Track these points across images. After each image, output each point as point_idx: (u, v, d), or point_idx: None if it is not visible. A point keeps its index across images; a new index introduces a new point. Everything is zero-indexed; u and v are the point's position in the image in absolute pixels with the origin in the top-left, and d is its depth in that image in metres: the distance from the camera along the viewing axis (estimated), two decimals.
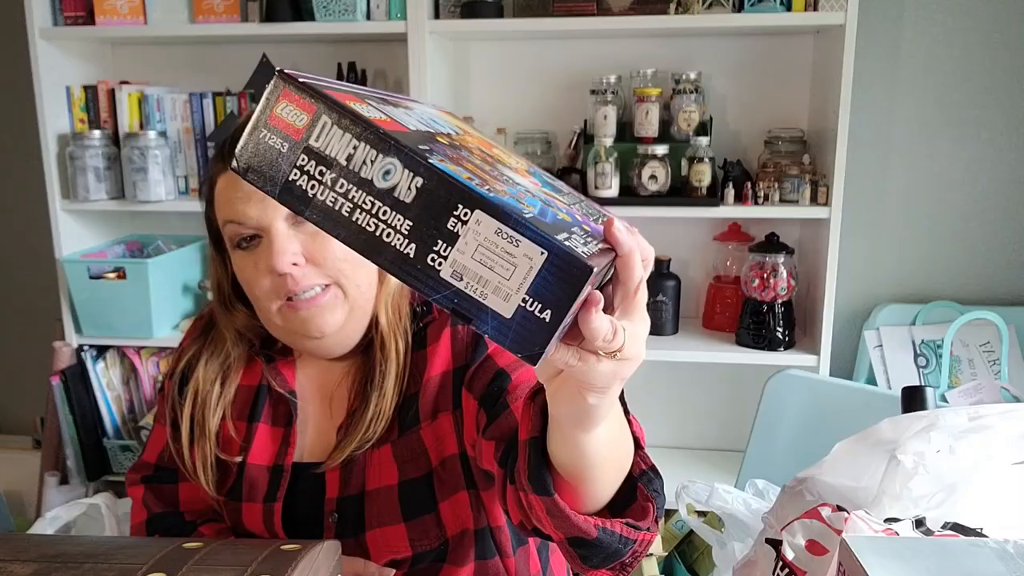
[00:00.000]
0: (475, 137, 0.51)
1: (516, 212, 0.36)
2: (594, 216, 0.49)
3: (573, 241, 0.37)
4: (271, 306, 0.76)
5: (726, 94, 1.82)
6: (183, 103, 1.86)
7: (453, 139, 0.45)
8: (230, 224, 0.76)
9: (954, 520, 0.66)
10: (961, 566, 0.54)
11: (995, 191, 1.82)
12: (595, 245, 0.40)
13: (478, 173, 0.39)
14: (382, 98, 0.46)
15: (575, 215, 0.45)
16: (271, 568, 0.60)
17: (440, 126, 0.47)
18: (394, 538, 0.78)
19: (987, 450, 0.68)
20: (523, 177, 0.47)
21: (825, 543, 0.66)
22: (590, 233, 0.42)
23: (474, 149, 0.46)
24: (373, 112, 0.40)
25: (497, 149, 0.52)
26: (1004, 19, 1.74)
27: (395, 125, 0.40)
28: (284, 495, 0.80)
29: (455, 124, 0.52)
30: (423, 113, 0.49)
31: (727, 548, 0.98)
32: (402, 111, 0.45)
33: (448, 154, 0.39)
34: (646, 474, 0.59)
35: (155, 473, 0.87)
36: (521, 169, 0.50)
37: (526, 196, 0.41)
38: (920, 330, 1.77)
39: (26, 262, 2.16)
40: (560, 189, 0.51)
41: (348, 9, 1.66)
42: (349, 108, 0.37)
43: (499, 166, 0.45)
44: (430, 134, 0.42)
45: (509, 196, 0.38)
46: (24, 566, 0.60)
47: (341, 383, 0.83)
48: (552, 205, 0.43)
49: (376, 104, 0.42)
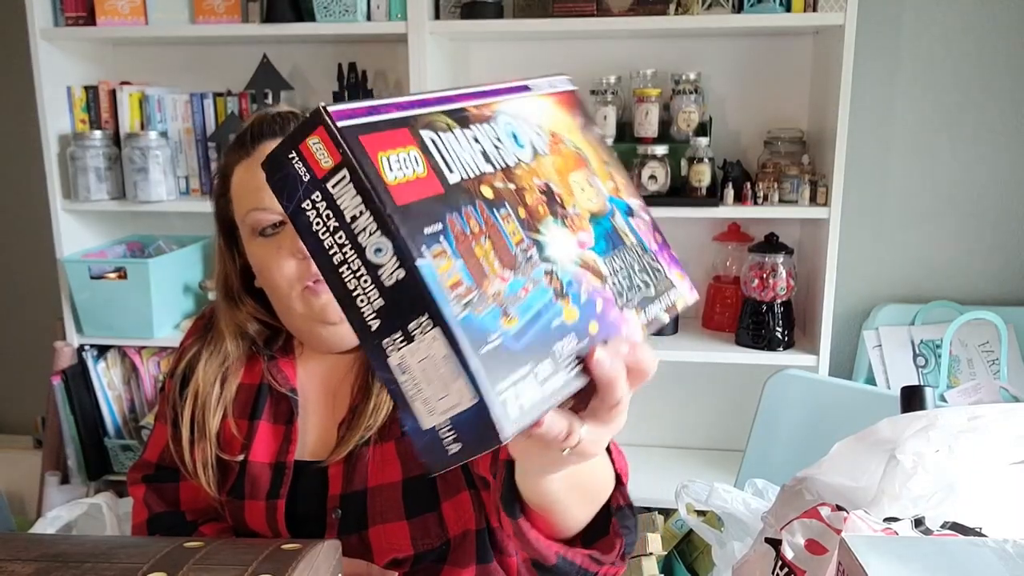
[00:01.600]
0: (564, 155, 0.47)
1: (475, 342, 0.36)
2: (640, 290, 0.46)
3: (523, 386, 0.37)
4: (292, 291, 0.76)
5: (726, 94, 1.82)
6: (184, 103, 1.87)
7: (509, 179, 0.43)
8: (255, 212, 0.76)
9: (953, 520, 0.66)
10: (960, 566, 0.55)
11: (994, 191, 1.82)
12: (567, 373, 0.40)
13: (479, 268, 0.39)
14: (460, 113, 0.43)
15: (594, 306, 0.43)
16: (272, 567, 0.60)
17: (505, 156, 0.44)
18: (396, 536, 0.78)
19: (986, 450, 0.68)
20: (571, 234, 0.44)
21: (824, 542, 0.66)
22: (576, 351, 0.41)
23: (530, 194, 0.44)
24: (426, 149, 0.40)
25: (581, 174, 0.48)
26: (1003, 19, 1.74)
27: (429, 183, 0.39)
28: (287, 492, 0.80)
29: (549, 133, 0.48)
30: (504, 129, 0.45)
31: (726, 547, 0.98)
32: (469, 135, 0.43)
33: (461, 233, 0.39)
34: (622, 510, 0.60)
35: (156, 472, 0.87)
36: (583, 216, 0.46)
37: (528, 296, 0.40)
38: (919, 330, 1.77)
39: (27, 262, 2.16)
40: (624, 239, 0.48)
41: (348, 10, 1.66)
42: (370, 168, 0.37)
43: (541, 230, 0.43)
44: (474, 184, 0.41)
45: (490, 309, 0.38)
46: (25, 566, 0.60)
47: (344, 379, 0.83)
48: (567, 293, 0.42)
49: (438, 131, 0.41)
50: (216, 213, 0.83)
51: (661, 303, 0.48)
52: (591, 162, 0.50)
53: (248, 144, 0.78)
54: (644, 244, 0.49)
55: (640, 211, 0.51)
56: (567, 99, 0.52)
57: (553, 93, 0.51)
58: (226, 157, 0.80)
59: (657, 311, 0.48)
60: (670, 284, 0.49)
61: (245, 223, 0.78)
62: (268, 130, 0.78)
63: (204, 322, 0.88)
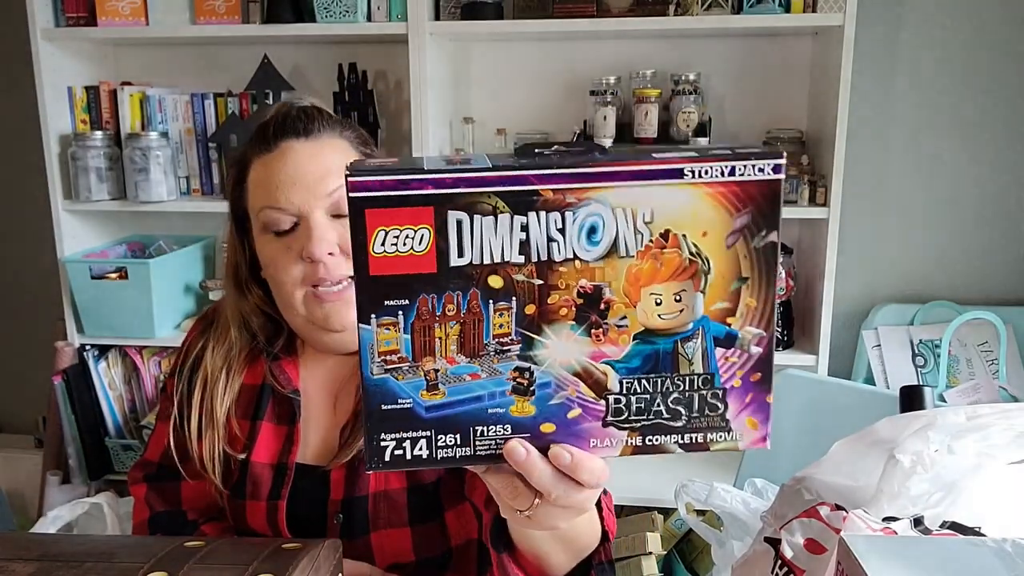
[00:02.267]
0: (662, 261, 0.45)
1: (379, 398, 0.45)
2: (659, 417, 0.47)
3: (408, 444, 0.45)
4: (296, 293, 0.76)
5: (725, 95, 1.82)
6: (185, 104, 1.87)
7: (540, 274, 0.44)
8: (269, 210, 0.76)
9: (952, 519, 0.66)
10: (959, 565, 0.55)
11: (993, 191, 1.82)
12: (485, 451, 0.46)
13: (427, 346, 0.44)
14: (525, 197, 0.43)
15: (564, 411, 0.46)
16: (272, 567, 0.60)
17: (554, 250, 0.44)
18: (399, 541, 0.78)
19: (985, 449, 0.69)
20: (590, 344, 0.45)
21: (824, 542, 0.67)
22: (503, 437, 0.46)
23: (559, 294, 0.44)
24: (443, 230, 0.43)
25: (672, 286, 0.45)
26: (1001, 19, 1.75)
27: (422, 262, 0.43)
28: (288, 493, 0.80)
29: (660, 233, 0.44)
30: (581, 220, 0.44)
31: (726, 547, 0.98)
32: (518, 222, 0.43)
33: (428, 312, 0.44)
34: (603, 565, 0.62)
35: (158, 472, 0.87)
36: (628, 330, 0.45)
37: (473, 382, 0.45)
38: (918, 330, 1.78)
39: (28, 262, 2.17)
40: (677, 365, 0.46)
41: (349, 10, 1.67)
42: (360, 238, 0.43)
43: (544, 330, 0.45)
44: (481, 271, 0.44)
45: (415, 380, 0.45)
46: (26, 565, 0.60)
47: (347, 383, 0.82)
48: (533, 391, 0.45)
49: (476, 213, 0.43)
50: (230, 201, 0.82)
51: (686, 438, 0.47)
52: (710, 275, 0.45)
53: (270, 140, 0.77)
54: (716, 378, 0.47)
55: (751, 344, 0.46)
56: (742, 192, 0.44)
57: (719, 183, 0.44)
58: (246, 147, 0.80)
59: (670, 442, 0.47)
60: (721, 426, 0.47)
61: (258, 218, 0.77)
62: (291, 128, 0.77)
63: (206, 321, 0.88)
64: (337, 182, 0.75)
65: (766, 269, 0.45)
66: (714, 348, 0.46)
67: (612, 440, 0.47)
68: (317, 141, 0.77)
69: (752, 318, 0.46)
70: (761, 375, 0.47)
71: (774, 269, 0.45)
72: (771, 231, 0.44)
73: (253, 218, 0.79)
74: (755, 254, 0.45)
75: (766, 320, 0.46)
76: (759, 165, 0.44)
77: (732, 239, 0.45)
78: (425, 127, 1.70)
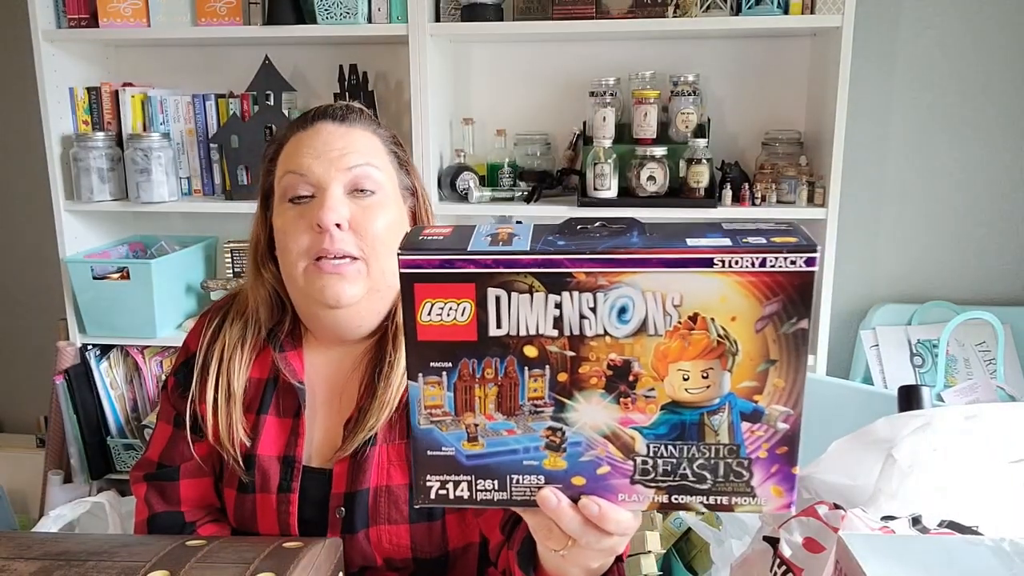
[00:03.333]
0: (690, 342, 0.46)
1: (426, 445, 0.50)
2: (684, 479, 0.49)
3: (451, 486, 0.50)
4: (299, 263, 0.77)
5: (724, 96, 1.83)
6: (186, 105, 1.87)
7: (572, 346, 0.47)
8: (291, 175, 0.78)
9: (950, 518, 0.66)
10: (957, 564, 0.55)
11: (991, 192, 1.82)
12: (519, 496, 0.51)
13: (468, 403, 0.49)
14: (559, 278, 0.46)
15: (593, 468, 0.49)
16: (273, 565, 0.61)
17: (586, 326, 0.46)
18: (398, 537, 0.78)
19: (983, 449, 0.69)
20: (619, 410, 0.48)
21: (822, 541, 0.67)
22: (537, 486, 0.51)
23: (590, 365, 0.47)
24: (483, 303, 0.47)
25: (699, 364, 0.46)
26: (999, 21, 1.75)
27: (465, 330, 0.47)
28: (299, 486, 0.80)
29: (689, 316, 0.46)
30: (612, 301, 0.46)
31: (725, 545, 0.98)
32: (551, 300, 0.46)
33: (469, 374, 0.48)
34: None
35: (158, 471, 0.87)
36: (656, 400, 0.48)
37: (509, 437, 0.49)
38: (916, 330, 1.78)
39: (30, 262, 2.17)
40: (703, 435, 0.48)
41: (350, 12, 1.67)
42: (408, 307, 0.47)
43: (575, 396, 0.48)
44: (518, 342, 0.47)
45: (457, 432, 0.49)
46: (28, 564, 0.60)
47: (351, 376, 0.83)
48: (564, 448, 0.49)
49: (513, 291, 0.46)
50: (261, 175, 0.85)
51: (711, 499, 0.49)
52: (738, 356, 0.46)
53: (309, 120, 0.81)
54: (741, 449, 0.48)
55: (778, 420, 0.47)
56: (772, 283, 0.44)
57: (750, 273, 0.44)
58: (287, 129, 0.83)
59: (695, 502, 0.49)
60: (746, 491, 0.49)
61: (280, 184, 0.79)
62: (330, 113, 0.81)
63: (217, 307, 0.89)
64: (358, 160, 0.78)
65: (795, 353, 0.46)
66: (740, 422, 0.48)
67: (639, 496, 0.50)
68: (350, 127, 0.81)
69: (780, 397, 0.47)
70: (787, 449, 0.48)
71: (804, 353, 0.46)
72: (801, 319, 0.45)
73: (276, 184, 0.81)
74: (784, 339, 0.46)
75: (794, 400, 0.47)
76: (791, 258, 0.44)
77: (761, 324, 0.46)
78: (425, 128, 1.70)
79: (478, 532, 0.80)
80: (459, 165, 1.78)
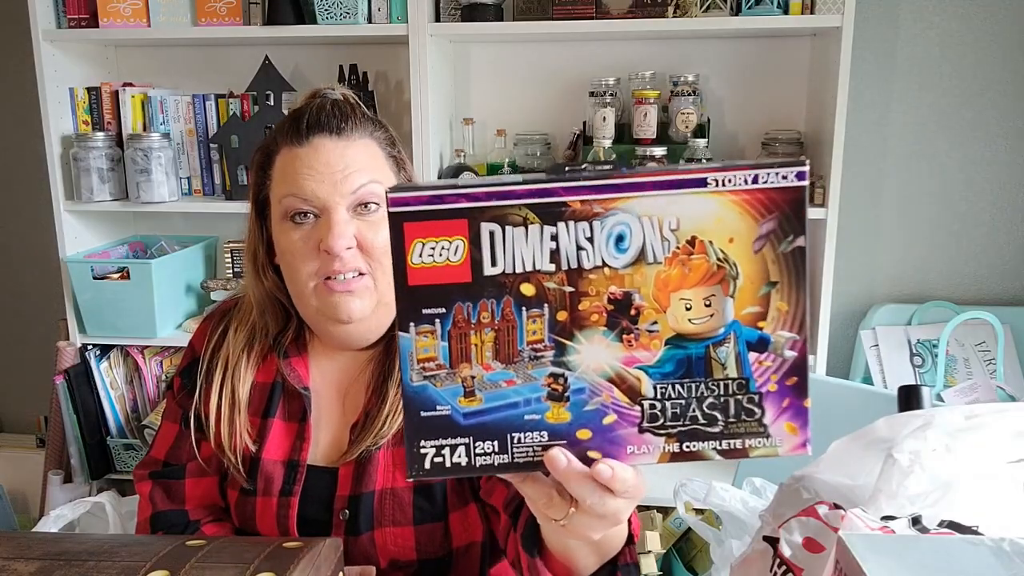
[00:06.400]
0: (690, 267, 0.45)
1: (419, 405, 0.46)
2: (695, 422, 0.47)
3: (447, 451, 0.46)
4: (309, 283, 0.77)
5: (724, 96, 1.83)
6: (186, 105, 1.87)
7: (571, 281, 0.45)
8: (291, 198, 0.77)
9: (950, 518, 0.66)
10: (957, 564, 0.55)
11: (990, 192, 1.82)
12: (522, 458, 0.47)
13: (464, 353, 0.46)
14: (554, 208, 0.44)
15: (599, 417, 0.46)
16: (273, 565, 0.61)
17: (584, 258, 0.45)
18: (402, 540, 0.78)
19: (983, 449, 0.69)
20: (622, 349, 0.46)
21: (822, 541, 0.67)
22: (542, 444, 0.47)
23: (589, 300, 0.45)
24: (476, 241, 0.45)
25: (701, 291, 0.45)
26: (999, 21, 1.75)
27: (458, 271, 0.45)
28: (300, 490, 0.80)
29: (687, 240, 0.45)
30: (609, 230, 0.45)
31: (725, 545, 0.98)
32: (547, 232, 0.45)
33: (464, 320, 0.45)
34: (628, 567, 0.63)
35: (163, 469, 0.87)
36: (659, 335, 0.46)
37: (509, 388, 0.46)
38: (916, 330, 1.78)
39: (30, 263, 2.17)
40: (711, 370, 0.46)
41: (350, 12, 1.67)
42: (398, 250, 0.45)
43: (576, 336, 0.46)
44: (514, 280, 0.45)
45: (452, 387, 0.46)
46: (28, 564, 0.60)
47: (357, 379, 0.83)
48: (568, 397, 0.46)
49: (508, 224, 0.44)
50: (252, 185, 0.83)
51: (724, 444, 0.47)
52: (739, 280, 0.46)
53: (304, 132, 0.78)
54: (750, 382, 0.47)
55: (785, 347, 0.46)
56: (766, 199, 0.45)
57: (743, 191, 0.44)
58: (277, 133, 0.80)
59: (708, 448, 0.47)
60: (759, 431, 0.47)
61: (280, 204, 0.78)
62: (326, 123, 0.78)
63: (222, 310, 0.89)
64: (361, 180, 0.77)
65: (795, 273, 0.45)
66: (747, 352, 0.46)
67: (649, 447, 0.47)
68: (348, 140, 0.78)
69: (784, 322, 0.46)
70: (797, 379, 0.47)
71: (803, 273, 0.45)
72: (798, 236, 0.45)
73: (275, 204, 0.80)
74: (783, 259, 0.45)
75: (799, 324, 0.46)
76: (782, 173, 0.44)
77: (759, 244, 0.45)
78: (425, 128, 1.70)
79: (481, 531, 0.80)
80: (459, 165, 1.78)
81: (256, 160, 0.82)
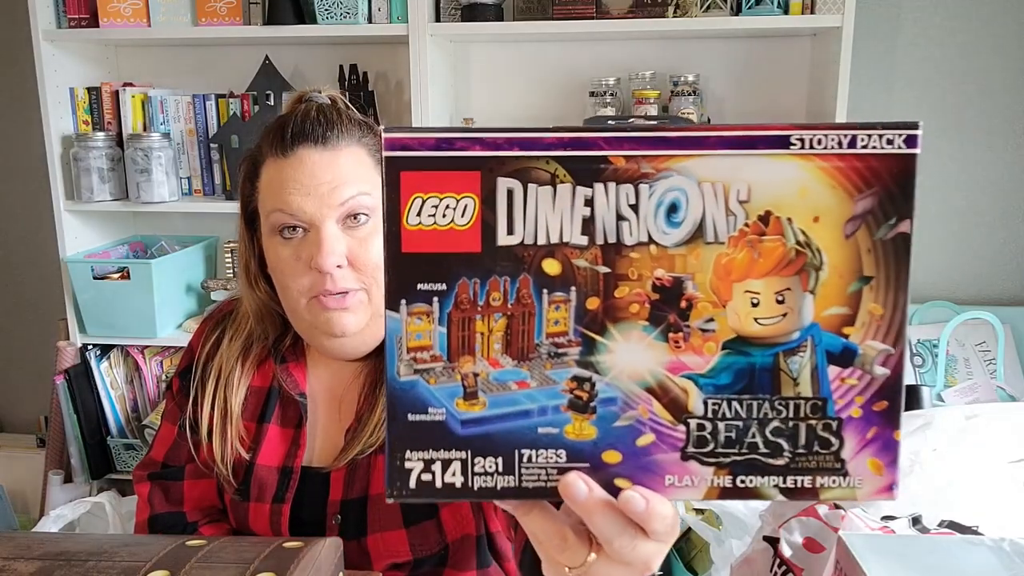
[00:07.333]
0: (760, 251, 0.36)
1: (407, 407, 0.36)
2: (754, 451, 0.37)
3: (439, 467, 0.37)
4: (301, 300, 0.76)
5: (724, 96, 1.83)
6: (186, 105, 1.87)
7: (607, 260, 0.36)
8: (279, 213, 0.75)
9: (950, 518, 0.67)
10: (957, 563, 0.55)
11: (991, 192, 1.82)
12: (531, 482, 0.37)
13: (466, 343, 0.36)
14: (591, 164, 0.35)
15: (631, 436, 0.37)
16: (274, 565, 0.61)
17: (624, 231, 0.35)
18: (395, 543, 0.78)
19: (983, 449, 0.69)
20: (667, 352, 0.36)
21: (822, 541, 0.67)
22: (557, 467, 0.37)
23: (630, 286, 0.36)
24: (491, 200, 0.36)
25: (772, 283, 0.36)
26: (1000, 21, 1.75)
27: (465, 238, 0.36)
28: (292, 497, 0.80)
29: (758, 215, 0.36)
30: (660, 196, 0.35)
31: (725, 545, 0.98)
32: (580, 194, 0.35)
33: (469, 301, 0.36)
34: None
35: (162, 471, 0.87)
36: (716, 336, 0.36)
37: (520, 392, 0.37)
38: (916, 330, 1.78)
39: (30, 262, 2.17)
40: (779, 386, 0.37)
41: (350, 12, 1.67)
42: (392, 207, 0.36)
43: (609, 331, 0.36)
44: (535, 253, 0.36)
45: (449, 386, 0.36)
46: (28, 564, 0.60)
47: (351, 386, 0.83)
48: (594, 409, 0.37)
49: (532, 182, 0.35)
50: (240, 197, 0.82)
51: (789, 481, 0.37)
52: (823, 272, 0.36)
53: (288, 142, 0.75)
54: (829, 404, 0.37)
55: (875, 363, 0.36)
56: (866, 169, 0.35)
57: (836, 156, 0.35)
58: (263, 142, 0.78)
59: (768, 486, 0.37)
60: (834, 467, 0.37)
61: (268, 219, 0.77)
62: (311, 132, 0.75)
63: (219, 315, 0.89)
64: (349, 192, 0.74)
65: (895, 267, 0.36)
66: (827, 366, 0.37)
67: (693, 478, 0.37)
68: (335, 150, 0.75)
69: (877, 330, 0.36)
70: (888, 404, 0.37)
71: (906, 268, 0.36)
72: (902, 219, 0.35)
73: (263, 218, 0.79)
74: (881, 247, 0.36)
75: (895, 334, 0.36)
76: (888, 136, 0.35)
77: (851, 227, 0.36)
78: None
79: (474, 524, 0.79)
80: None
81: (243, 170, 0.80)
